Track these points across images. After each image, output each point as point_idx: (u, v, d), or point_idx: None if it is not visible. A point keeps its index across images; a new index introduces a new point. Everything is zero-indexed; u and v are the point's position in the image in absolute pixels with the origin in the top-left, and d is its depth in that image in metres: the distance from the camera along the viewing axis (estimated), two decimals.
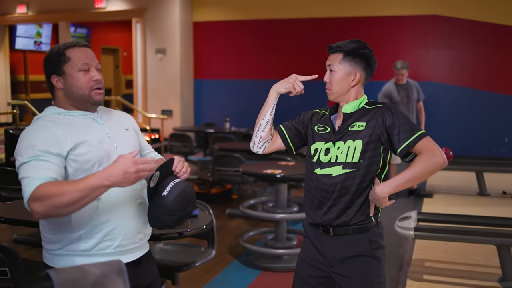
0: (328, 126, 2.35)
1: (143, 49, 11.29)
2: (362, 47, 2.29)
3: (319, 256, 2.35)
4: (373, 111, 2.27)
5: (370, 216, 2.29)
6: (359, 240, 2.29)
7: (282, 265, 4.57)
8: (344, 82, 2.29)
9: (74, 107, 2.08)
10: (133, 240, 2.10)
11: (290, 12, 10.62)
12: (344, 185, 2.26)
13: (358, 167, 2.24)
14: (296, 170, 4.68)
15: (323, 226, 2.33)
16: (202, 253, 3.51)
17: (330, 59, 2.33)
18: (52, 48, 2.10)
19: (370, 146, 2.23)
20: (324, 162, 2.30)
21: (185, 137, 8.03)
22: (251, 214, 4.74)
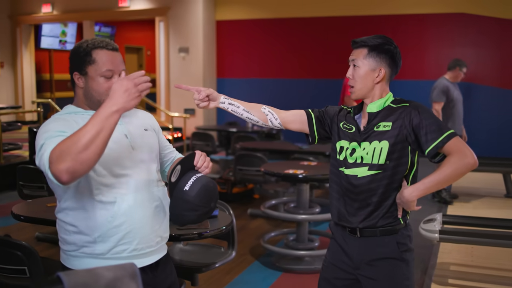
0: (353, 126, 2.28)
1: (166, 48, 11.30)
2: (387, 42, 2.21)
3: (345, 258, 2.28)
4: (400, 110, 2.18)
5: (398, 218, 2.21)
6: (387, 242, 2.21)
7: (303, 266, 4.50)
8: (368, 78, 2.21)
9: (91, 108, 2.04)
10: (149, 244, 2.05)
11: (313, 10, 10.53)
12: (370, 187, 2.19)
13: (385, 169, 2.16)
14: (318, 170, 4.60)
15: (349, 227, 2.26)
16: (222, 254, 3.46)
17: (354, 54, 2.25)
18: (80, 43, 2.02)
19: (397, 147, 2.15)
20: (350, 162, 2.23)
21: (207, 136, 8.01)
22: (273, 214, 4.68)
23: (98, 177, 1.93)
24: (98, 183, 1.94)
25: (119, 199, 1.94)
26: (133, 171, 2.00)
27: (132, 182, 1.99)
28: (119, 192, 1.96)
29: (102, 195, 1.94)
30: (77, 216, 1.96)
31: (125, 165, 1.99)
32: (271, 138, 8.26)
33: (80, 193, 1.95)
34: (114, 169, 1.96)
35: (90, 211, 1.95)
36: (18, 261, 2.76)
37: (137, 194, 1.99)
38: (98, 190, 1.94)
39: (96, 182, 1.94)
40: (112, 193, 1.95)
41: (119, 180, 1.97)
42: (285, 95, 10.82)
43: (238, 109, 2.41)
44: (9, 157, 7.95)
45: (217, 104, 2.37)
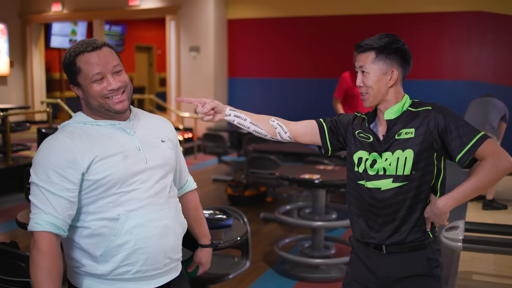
0: (371, 135, 2.09)
1: (176, 47, 11.18)
2: (394, 41, 2.03)
3: (370, 275, 2.11)
4: (422, 114, 2.00)
5: (427, 232, 2.04)
6: (416, 258, 2.04)
7: (319, 275, 4.34)
8: (380, 83, 2.03)
9: (99, 116, 1.90)
10: (156, 266, 1.88)
11: (326, 9, 10.37)
12: (396, 201, 2.01)
13: (411, 180, 1.99)
14: (335, 175, 4.44)
15: (374, 243, 2.08)
16: (236, 264, 3.31)
17: (360, 59, 2.07)
18: (65, 53, 1.90)
19: (423, 155, 1.98)
20: (371, 174, 2.05)
21: (218, 137, 7.88)
22: (287, 220, 4.52)
23: (103, 193, 1.80)
24: (103, 200, 1.80)
25: (124, 216, 1.80)
26: (142, 186, 1.85)
27: (139, 198, 1.84)
28: (124, 209, 1.81)
29: (105, 212, 1.80)
30: (80, 232, 1.83)
31: (134, 180, 1.84)
32: None
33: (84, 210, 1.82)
34: (121, 186, 1.81)
35: (92, 228, 1.81)
36: (22, 273, 2.64)
37: (144, 211, 1.84)
38: (102, 207, 1.80)
39: (102, 199, 1.80)
40: (116, 210, 1.81)
41: (125, 196, 1.82)
42: (298, 95, 10.66)
43: (245, 121, 2.22)
44: (18, 158, 7.85)
45: (222, 117, 2.21)
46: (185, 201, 2.19)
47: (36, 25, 13.07)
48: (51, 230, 1.75)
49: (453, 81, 9.26)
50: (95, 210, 1.81)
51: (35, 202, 1.77)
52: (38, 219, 1.75)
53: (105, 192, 1.80)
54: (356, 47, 2.08)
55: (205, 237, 2.25)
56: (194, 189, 2.25)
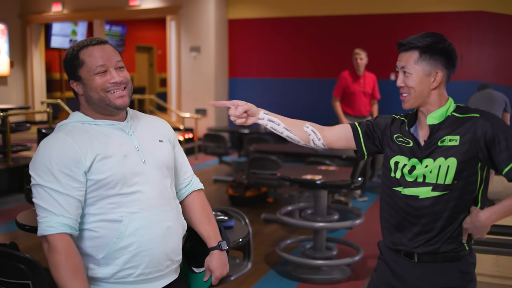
0: (411, 140, 1.99)
1: (177, 47, 11.15)
2: (440, 40, 1.92)
3: (396, 283, 2.03)
4: (469, 122, 1.89)
5: (463, 243, 1.94)
6: (449, 270, 1.94)
7: (321, 276, 4.31)
8: (423, 85, 1.93)
9: (98, 113, 1.87)
10: (158, 268, 1.86)
11: (326, 9, 10.34)
12: (434, 210, 1.92)
13: (452, 189, 1.89)
14: (337, 175, 4.41)
15: (405, 251, 2.00)
16: (237, 266, 3.28)
17: (402, 59, 1.96)
18: (68, 49, 1.88)
19: (466, 165, 1.88)
20: (409, 181, 1.96)
21: (219, 137, 7.84)
22: (289, 221, 4.49)
23: (104, 194, 1.77)
24: (104, 200, 1.77)
25: (127, 218, 1.78)
26: (143, 187, 1.83)
27: (142, 199, 1.82)
28: (126, 210, 1.79)
29: (107, 214, 1.78)
30: (81, 234, 1.80)
31: (135, 181, 1.81)
32: (285, 140, 8.02)
33: (85, 212, 1.80)
34: (122, 186, 1.78)
35: (94, 230, 1.79)
36: (21, 275, 2.61)
37: (147, 213, 1.81)
38: (103, 209, 1.77)
39: (102, 200, 1.77)
40: (118, 211, 1.78)
41: (127, 197, 1.79)
42: (298, 95, 10.64)
43: (279, 126, 2.14)
44: (18, 158, 7.82)
45: (255, 120, 2.12)
46: (190, 202, 2.13)
47: (36, 25, 13.04)
48: (66, 231, 1.72)
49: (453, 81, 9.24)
50: (96, 212, 1.79)
51: (42, 205, 1.73)
52: (50, 221, 1.72)
53: (106, 192, 1.77)
54: (398, 45, 1.99)
55: (211, 238, 2.09)
56: (199, 189, 2.18)
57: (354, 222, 4.40)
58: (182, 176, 2.12)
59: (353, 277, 4.31)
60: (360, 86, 6.78)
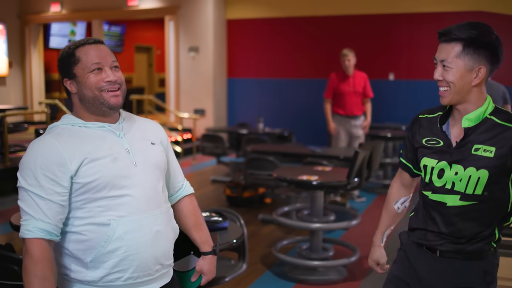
0: (441, 139, 1.89)
1: (176, 48, 11.14)
2: (487, 33, 1.79)
3: (415, 276, 1.98)
4: (507, 132, 1.78)
5: (490, 243, 1.87)
6: (471, 268, 1.87)
7: (317, 277, 4.30)
8: (464, 81, 1.79)
9: (91, 113, 1.85)
10: (147, 272, 1.84)
11: (325, 9, 10.32)
12: (463, 217, 1.85)
13: (481, 200, 1.82)
14: (333, 176, 4.40)
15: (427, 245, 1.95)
16: (232, 267, 3.27)
17: (442, 51, 1.82)
18: (63, 48, 1.88)
19: (498, 177, 1.80)
20: (438, 186, 1.88)
21: (217, 138, 7.83)
22: (285, 222, 4.48)
23: (91, 197, 1.76)
24: (92, 204, 1.76)
25: (114, 222, 1.76)
26: (133, 190, 1.81)
27: (130, 203, 1.79)
28: (114, 214, 1.77)
29: (95, 217, 1.76)
30: (69, 238, 1.79)
31: (124, 184, 1.79)
32: (283, 141, 8.06)
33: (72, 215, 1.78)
34: (110, 189, 1.77)
35: (82, 234, 1.77)
36: (16, 276, 2.60)
37: (135, 216, 1.79)
38: (91, 212, 1.76)
39: (90, 203, 1.76)
40: (106, 215, 1.76)
41: (115, 201, 1.77)
42: (297, 95, 10.62)
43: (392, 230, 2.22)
44: (16, 159, 7.80)
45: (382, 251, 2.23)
46: (182, 206, 2.13)
47: (35, 25, 13.03)
48: (42, 237, 1.72)
49: None
50: (84, 215, 1.77)
51: (24, 208, 1.73)
52: (29, 225, 1.72)
53: (94, 195, 1.76)
54: (440, 34, 1.84)
55: (205, 243, 2.12)
56: (191, 193, 2.17)
57: (351, 223, 4.39)
58: (174, 180, 2.11)
59: (349, 278, 4.30)
60: (350, 86, 6.78)
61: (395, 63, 9.73)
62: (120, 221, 1.77)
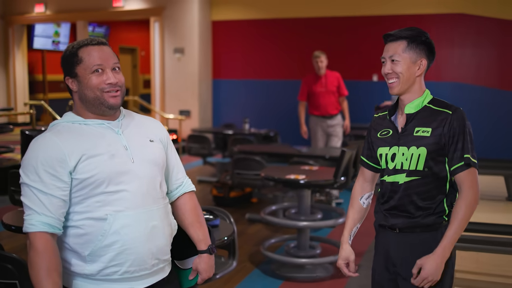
0: (390, 129, 2.22)
1: (161, 49, 11.15)
2: (423, 33, 2.15)
3: (388, 257, 2.23)
4: (441, 116, 2.11)
5: (442, 216, 2.14)
6: (427, 240, 2.14)
7: (305, 274, 4.37)
8: (410, 72, 2.14)
9: (90, 112, 1.90)
10: (143, 267, 1.88)
11: (309, 11, 10.41)
12: (410, 192, 2.14)
13: (423, 176, 2.12)
14: (320, 175, 4.47)
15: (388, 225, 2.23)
16: (223, 264, 3.32)
17: (390, 49, 2.16)
18: (67, 46, 1.93)
19: (435, 154, 2.11)
20: (391, 168, 2.18)
21: (203, 139, 7.87)
22: (273, 221, 4.54)
23: (90, 193, 1.81)
24: (91, 199, 1.81)
25: (111, 216, 1.81)
26: (130, 186, 1.85)
27: (127, 198, 1.84)
28: (112, 209, 1.82)
29: (93, 212, 1.81)
30: (68, 232, 1.84)
31: (121, 180, 1.84)
32: (269, 141, 8.13)
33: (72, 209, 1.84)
34: (108, 184, 1.81)
35: (80, 228, 1.82)
36: (8, 274, 2.63)
37: (132, 211, 1.84)
38: (90, 207, 1.81)
39: (89, 198, 1.81)
40: (103, 210, 1.81)
41: (112, 196, 1.82)
42: (283, 96, 10.69)
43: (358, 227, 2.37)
44: (1, 160, 7.78)
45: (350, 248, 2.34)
46: (181, 204, 2.15)
47: (18, 26, 12.96)
48: (46, 230, 1.76)
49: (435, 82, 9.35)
50: (82, 210, 1.82)
51: (27, 203, 1.78)
52: (32, 220, 1.76)
53: (92, 191, 1.80)
54: (386, 36, 2.17)
55: (201, 242, 2.12)
56: (191, 191, 2.18)
57: (337, 221, 4.47)
58: (174, 177, 2.13)
59: (336, 275, 4.37)
60: (322, 86, 6.82)
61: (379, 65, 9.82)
62: (116, 216, 1.81)
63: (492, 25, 9.24)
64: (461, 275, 4.28)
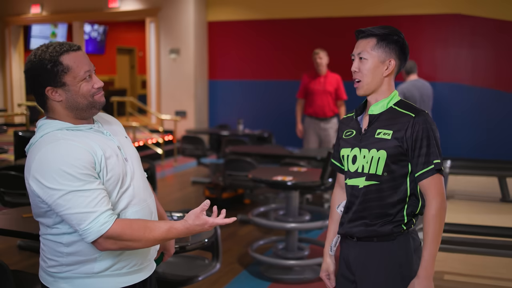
0: (354, 129, 2.13)
1: (157, 49, 11.14)
2: (396, 32, 2.06)
3: (349, 266, 2.16)
4: (404, 119, 2.01)
5: (400, 225, 2.03)
6: (382, 250, 2.06)
7: (292, 276, 4.35)
8: (377, 71, 2.04)
9: (78, 118, 1.87)
10: (148, 257, 1.98)
11: (305, 11, 10.39)
12: (368, 198, 2.05)
13: (382, 181, 2.02)
14: (307, 177, 4.45)
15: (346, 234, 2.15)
16: (206, 266, 3.31)
17: (359, 46, 2.07)
18: (39, 54, 1.79)
19: (395, 159, 2.01)
20: (352, 171, 2.09)
21: (197, 139, 7.86)
22: (260, 222, 4.53)
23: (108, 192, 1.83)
24: None
25: (122, 213, 1.85)
26: (133, 183, 1.90)
27: (133, 194, 1.89)
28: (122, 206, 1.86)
29: None
30: (77, 237, 1.79)
31: (126, 178, 1.88)
32: (263, 142, 8.11)
33: None
34: (121, 183, 1.85)
35: None
36: None
37: (139, 206, 1.90)
38: None
39: None
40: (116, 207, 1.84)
41: (123, 194, 1.86)
42: (278, 97, 10.66)
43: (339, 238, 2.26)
44: None
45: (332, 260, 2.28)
46: None
47: (15, 27, 12.96)
48: (114, 218, 1.74)
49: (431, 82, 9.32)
50: None
51: (83, 210, 1.70)
52: (100, 221, 1.71)
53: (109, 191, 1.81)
54: (357, 32, 2.10)
55: None
56: None
57: (325, 223, 4.45)
58: None
59: None
60: (320, 85, 6.72)
61: None
62: (126, 213, 1.86)
63: (488, 25, 9.21)
64: (451, 277, 4.27)
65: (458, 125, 9.28)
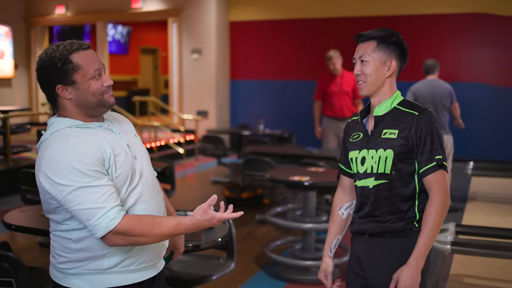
0: (361, 132, 2.18)
1: (179, 49, 11.21)
2: (394, 34, 2.12)
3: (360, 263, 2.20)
4: (408, 117, 2.07)
5: (413, 222, 2.08)
6: (394, 246, 2.10)
7: (309, 277, 4.34)
8: (379, 73, 2.10)
9: (88, 116, 1.89)
10: (156, 255, 1.98)
11: (326, 11, 10.36)
12: (379, 197, 2.10)
13: (392, 179, 2.07)
14: (325, 177, 4.43)
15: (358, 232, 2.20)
16: (221, 266, 3.32)
17: (360, 50, 2.14)
18: (50, 53, 1.83)
19: (402, 157, 2.06)
20: (361, 172, 2.14)
21: (217, 139, 7.89)
22: (277, 222, 4.53)
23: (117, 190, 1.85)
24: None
25: (131, 210, 1.87)
26: (141, 180, 1.92)
27: (142, 191, 1.91)
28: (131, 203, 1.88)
29: None
30: (86, 233, 1.82)
31: (135, 176, 1.90)
32: (283, 142, 8.10)
33: None
34: (130, 181, 1.87)
35: None
36: (4, 273, 2.67)
37: (147, 204, 1.92)
38: None
39: None
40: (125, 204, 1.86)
41: (132, 192, 1.88)
42: (298, 97, 10.64)
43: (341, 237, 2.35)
44: (18, 159, 7.90)
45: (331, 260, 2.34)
46: None
47: (40, 27, 13.15)
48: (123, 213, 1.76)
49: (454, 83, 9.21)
50: None
51: (92, 206, 1.72)
52: (108, 216, 1.73)
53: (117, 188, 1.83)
54: (357, 36, 2.16)
55: None
56: None
57: None
58: None
59: (341, 278, 4.33)
60: (337, 85, 6.66)
61: None
62: (135, 210, 1.87)
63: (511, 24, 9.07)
64: (471, 280, 4.21)
65: (480, 125, 9.14)
